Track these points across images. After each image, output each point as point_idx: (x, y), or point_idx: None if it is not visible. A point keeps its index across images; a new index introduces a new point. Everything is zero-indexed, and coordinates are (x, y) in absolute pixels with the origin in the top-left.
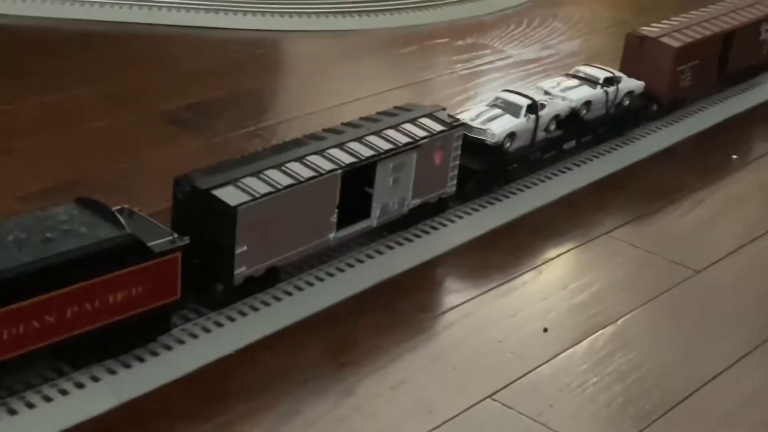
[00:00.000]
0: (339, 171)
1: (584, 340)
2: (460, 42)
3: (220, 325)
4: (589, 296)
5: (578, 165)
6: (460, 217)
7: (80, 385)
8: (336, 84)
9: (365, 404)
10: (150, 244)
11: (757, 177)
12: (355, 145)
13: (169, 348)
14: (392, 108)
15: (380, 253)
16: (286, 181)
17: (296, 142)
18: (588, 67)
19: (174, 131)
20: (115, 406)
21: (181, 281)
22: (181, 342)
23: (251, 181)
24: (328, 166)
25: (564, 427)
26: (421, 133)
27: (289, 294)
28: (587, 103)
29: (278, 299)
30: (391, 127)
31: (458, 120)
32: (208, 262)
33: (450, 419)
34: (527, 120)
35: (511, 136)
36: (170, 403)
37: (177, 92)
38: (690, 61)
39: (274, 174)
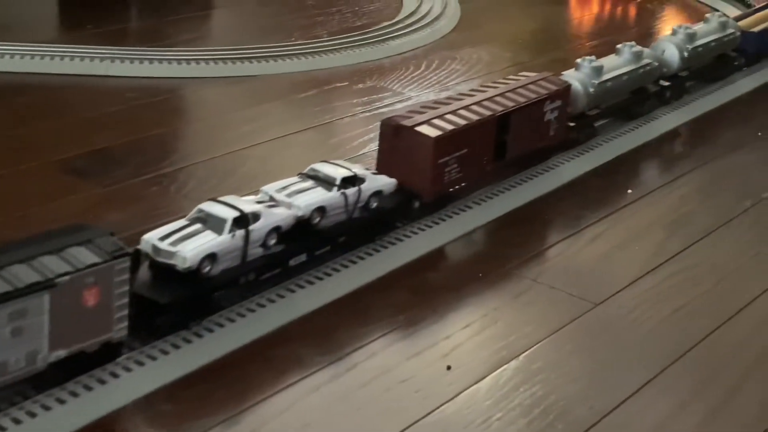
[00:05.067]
0: None
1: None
2: (360, 85)
3: None
4: None
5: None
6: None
7: None
8: (238, 129)
9: None
10: None
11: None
12: None
13: None
14: (56, 229)
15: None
16: None
17: None
18: (326, 164)
19: (71, 180)
20: None
21: None
22: None
23: None
24: None
25: None
26: (61, 268)
27: None
28: (320, 209)
29: None
30: (21, 261)
31: (122, 249)
32: None
33: None
34: (233, 237)
35: (211, 257)
36: None
37: (73, 141)
38: (456, 152)
39: None
